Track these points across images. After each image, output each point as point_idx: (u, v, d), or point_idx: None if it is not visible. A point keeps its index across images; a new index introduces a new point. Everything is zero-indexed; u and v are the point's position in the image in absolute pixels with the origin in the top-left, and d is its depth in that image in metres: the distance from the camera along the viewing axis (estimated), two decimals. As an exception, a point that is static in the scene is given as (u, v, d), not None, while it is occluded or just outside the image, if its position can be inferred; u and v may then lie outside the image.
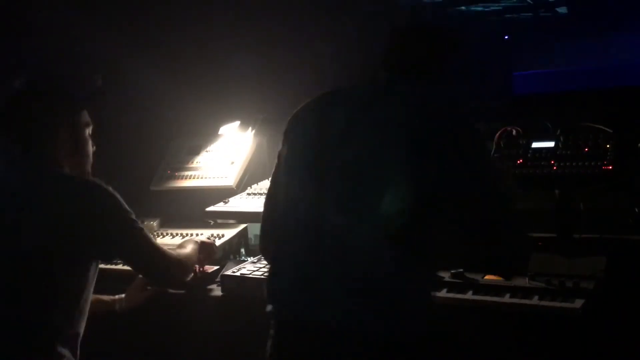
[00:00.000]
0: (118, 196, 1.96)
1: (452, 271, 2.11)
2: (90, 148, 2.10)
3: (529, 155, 2.28)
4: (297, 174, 1.74)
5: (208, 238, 2.59)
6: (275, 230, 1.79)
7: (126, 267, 2.63)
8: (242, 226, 2.80)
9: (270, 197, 1.87)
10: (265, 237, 1.90)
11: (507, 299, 1.99)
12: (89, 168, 2.10)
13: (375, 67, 1.82)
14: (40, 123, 1.98)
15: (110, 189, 1.95)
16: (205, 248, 2.42)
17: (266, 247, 1.91)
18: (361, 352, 1.56)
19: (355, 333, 1.56)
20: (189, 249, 2.31)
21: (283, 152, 1.82)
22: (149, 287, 2.38)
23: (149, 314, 2.42)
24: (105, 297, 2.31)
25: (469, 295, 2.02)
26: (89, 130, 2.09)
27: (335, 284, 1.58)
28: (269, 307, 1.73)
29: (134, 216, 2.00)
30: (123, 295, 2.35)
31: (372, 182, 1.59)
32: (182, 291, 2.41)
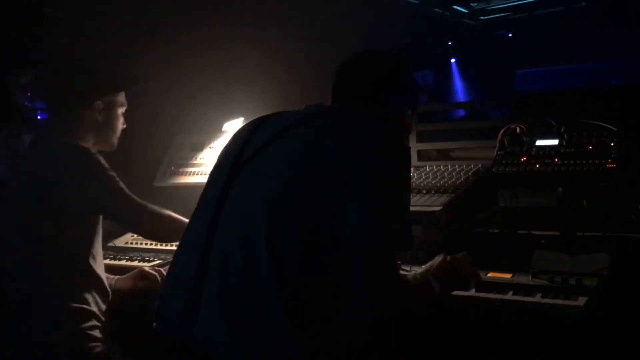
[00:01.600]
0: (99, 158, 2.26)
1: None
2: (119, 125, 2.45)
3: (532, 152, 2.28)
4: (206, 190, 1.76)
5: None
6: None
7: (130, 263, 2.66)
8: (245, 222, 2.80)
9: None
10: None
11: (509, 296, 1.99)
12: (114, 141, 2.45)
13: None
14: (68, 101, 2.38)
15: (93, 152, 2.27)
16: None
17: None
18: None
19: (222, 354, 1.51)
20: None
21: None
22: (143, 280, 2.49)
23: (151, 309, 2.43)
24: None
25: (471, 293, 2.02)
26: (121, 110, 2.45)
27: (213, 304, 1.54)
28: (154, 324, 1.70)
29: (113, 174, 2.26)
30: (117, 277, 2.51)
31: (262, 208, 1.56)
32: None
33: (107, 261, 2.69)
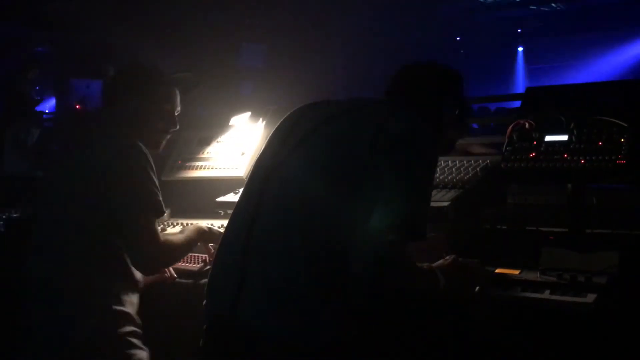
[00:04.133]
0: (147, 157, 2.17)
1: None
2: (160, 124, 2.38)
3: (541, 148, 2.26)
4: (249, 178, 1.84)
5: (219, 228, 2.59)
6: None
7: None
8: (252, 217, 2.79)
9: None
10: None
11: (518, 293, 1.98)
12: (158, 140, 2.38)
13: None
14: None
15: (143, 149, 2.18)
16: (213, 236, 2.44)
17: None
18: (270, 356, 1.59)
19: (267, 335, 1.59)
20: (184, 236, 2.37)
21: None
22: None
23: (159, 303, 2.43)
24: None
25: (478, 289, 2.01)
26: (167, 108, 2.40)
27: (257, 285, 1.63)
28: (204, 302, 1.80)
29: (153, 183, 2.17)
30: None
31: (306, 193, 1.65)
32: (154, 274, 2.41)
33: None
